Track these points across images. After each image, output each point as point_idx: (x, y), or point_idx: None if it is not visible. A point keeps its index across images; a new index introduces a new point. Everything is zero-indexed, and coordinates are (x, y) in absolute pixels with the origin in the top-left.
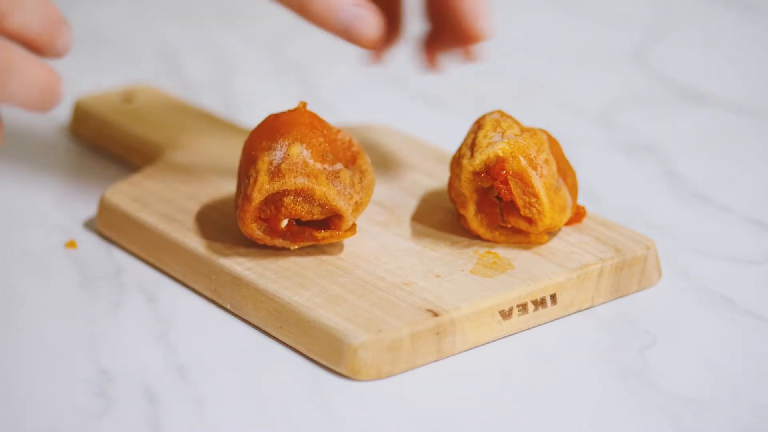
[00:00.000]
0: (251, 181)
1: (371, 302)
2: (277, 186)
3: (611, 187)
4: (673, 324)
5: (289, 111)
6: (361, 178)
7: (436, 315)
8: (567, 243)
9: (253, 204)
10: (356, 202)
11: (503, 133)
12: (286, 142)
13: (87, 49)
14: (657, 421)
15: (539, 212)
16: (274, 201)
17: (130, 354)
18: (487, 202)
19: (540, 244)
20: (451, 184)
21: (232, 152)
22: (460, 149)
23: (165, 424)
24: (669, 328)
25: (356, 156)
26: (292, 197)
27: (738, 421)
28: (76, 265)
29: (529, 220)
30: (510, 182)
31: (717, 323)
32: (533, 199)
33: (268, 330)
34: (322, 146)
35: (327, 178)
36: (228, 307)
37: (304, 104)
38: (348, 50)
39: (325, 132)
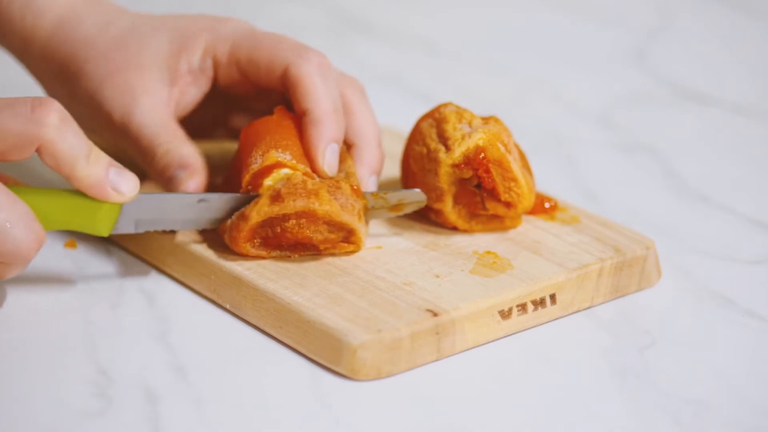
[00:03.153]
0: (252, 203)
1: (371, 302)
2: (276, 210)
3: (611, 187)
4: (673, 324)
5: (262, 119)
6: (348, 178)
7: (435, 315)
8: (567, 243)
9: (250, 223)
10: (358, 211)
11: (469, 123)
12: (260, 152)
13: None
14: (657, 421)
15: (518, 195)
16: (272, 224)
17: (130, 354)
18: (464, 193)
19: (515, 227)
20: (420, 182)
21: (230, 152)
22: (426, 145)
23: (165, 424)
24: (669, 328)
25: (343, 158)
26: (295, 220)
27: (738, 421)
28: (76, 265)
29: (508, 204)
30: (492, 170)
31: (717, 323)
32: (512, 183)
33: (267, 330)
34: (301, 147)
35: (329, 192)
36: (228, 307)
37: (279, 109)
38: (347, 50)
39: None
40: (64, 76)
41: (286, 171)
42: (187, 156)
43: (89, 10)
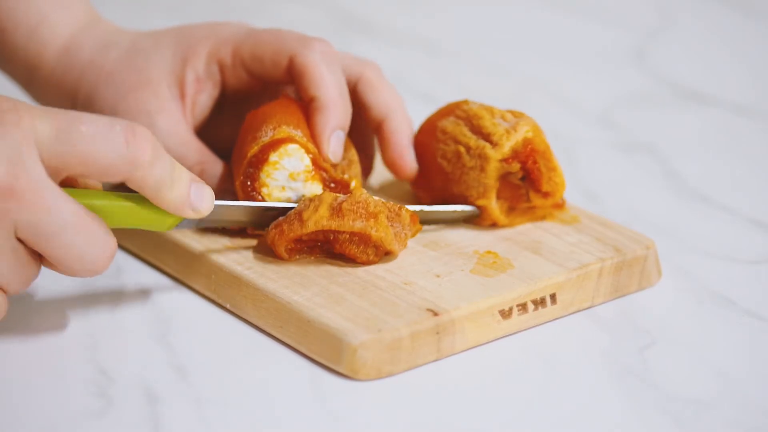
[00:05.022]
0: (312, 207)
1: (371, 302)
2: (335, 225)
3: (611, 187)
4: (673, 324)
5: (269, 104)
6: (349, 166)
7: (436, 314)
8: (567, 243)
9: (305, 230)
10: (407, 238)
11: (503, 117)
12: (270, 127)
13: None
14: (657, 421)
15: (557, 183)
16: (325, 233)
17: (130, 354)
18: (504, 188)
19: (551, 215)
20: (457, 180)
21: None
22: (462, 143)
23: (165, 424)
24: (669, 328)
25: (347, 146)
26: (348, 236)
27: (738, 421)
28: None
29: (546, 194)
30: (538, 161)
31: (717, 323)
32: (552, 173)
33: (268, 330)
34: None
35: (387, 218)
36: (228, 307)
37: (284, 95)
38: (347, 50)
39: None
40: (74, 103)
41: (294, 146)
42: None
43: (89, 34)
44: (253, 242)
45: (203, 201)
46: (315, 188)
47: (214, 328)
